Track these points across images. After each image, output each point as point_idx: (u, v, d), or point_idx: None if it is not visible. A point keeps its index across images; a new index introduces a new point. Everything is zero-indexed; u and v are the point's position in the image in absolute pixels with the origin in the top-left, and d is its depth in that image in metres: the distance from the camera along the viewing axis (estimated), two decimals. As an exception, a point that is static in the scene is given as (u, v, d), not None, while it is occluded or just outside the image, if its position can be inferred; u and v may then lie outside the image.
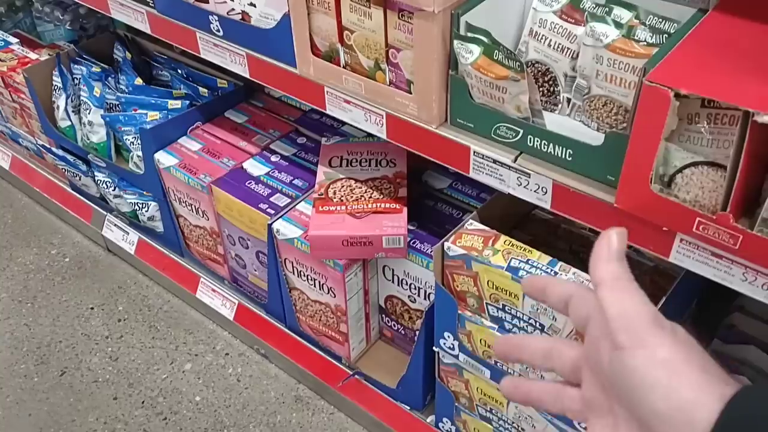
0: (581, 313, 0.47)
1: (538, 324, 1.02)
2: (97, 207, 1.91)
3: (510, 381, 0.53)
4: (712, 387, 0.40)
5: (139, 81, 1.75)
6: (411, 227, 1.30)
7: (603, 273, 0.45)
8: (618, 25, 0.88)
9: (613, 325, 0.43)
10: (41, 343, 1.72)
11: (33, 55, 1.91)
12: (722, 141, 0.76)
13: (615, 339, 0.42)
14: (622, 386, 0.43)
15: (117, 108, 1.73)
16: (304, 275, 1.39)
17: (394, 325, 1.46)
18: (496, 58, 0.87)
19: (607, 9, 0.92)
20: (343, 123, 1.42)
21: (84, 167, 1.83)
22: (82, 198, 1.95)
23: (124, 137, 1.69)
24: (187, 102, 1.66)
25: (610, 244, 0.45)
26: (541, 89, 1.00)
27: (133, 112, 1.67)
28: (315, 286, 1.38)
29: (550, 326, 1.00)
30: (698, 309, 1.24)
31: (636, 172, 0.79)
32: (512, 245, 1.04)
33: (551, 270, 1.00)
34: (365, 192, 1.30)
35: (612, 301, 0.43)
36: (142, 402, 1.58)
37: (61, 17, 2.07)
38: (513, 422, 1.20)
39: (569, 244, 1.22)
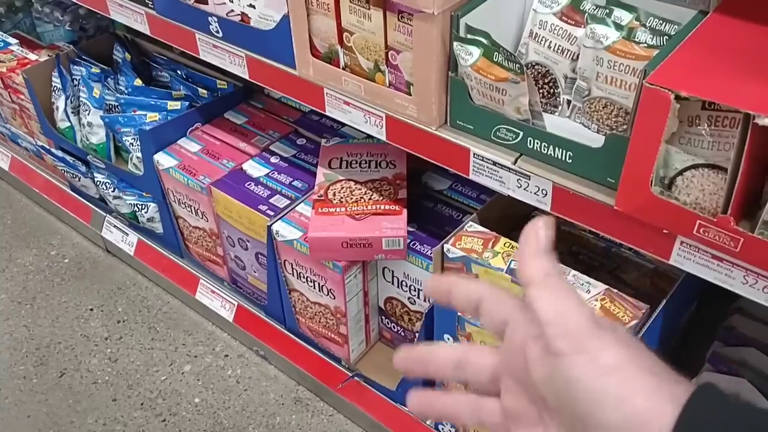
0: (496, 317, 0.43)
1: (538, 326, 1.01)
2: (96, 208, 1.91)
3: (417, 396, 0.47)
4: (663, 390, 0.37)
5: (138, 82, 1.75)
6: (411, 229, 1.30)
7: (532, 270, 0.41)
8: (618, 26, 0.88)
9: (548, 330, 0.39)
10: (40, 344, 1.72)
11: (32, 56, 1.90)
12: (723, 143, 0.76)
13: (552, 345, 0.38)
14: (563, 398, 0.39)
15: (116, 109, 1.73)
16: (304, 277, 1.38)
17: (394, 327, 1.46)
18: (495, 60, 0.87)
19: (607, 10, 0.91)
20: (343, 124, 1.42)
21: (83, 168, 1.82)
22: (81, 199, 1.95)
23: (124, 138, 1.69)
24: (187, 103, 1.66)
25: (537, 237, 0.41)
26: (541, 91, 1.00)
27: (133, 113, 1.67)
28: (314, 287, 1.38)
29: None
30: (698, 311, 1.24)
31: (636, 175, 0.79)
32: (512, 247, 1.04)
33: (551, 272, 0.99)
34: (365, 193, 1.30)
35: (545, 302, 0.39)
36: (141, 403, 1.58)
37: (60, 18, 2.07)
38: (513, 424, 1.19)
39: (569, 246, 1.22)
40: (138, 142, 1.61)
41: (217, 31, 1.20)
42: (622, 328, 0.40)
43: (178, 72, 1.79)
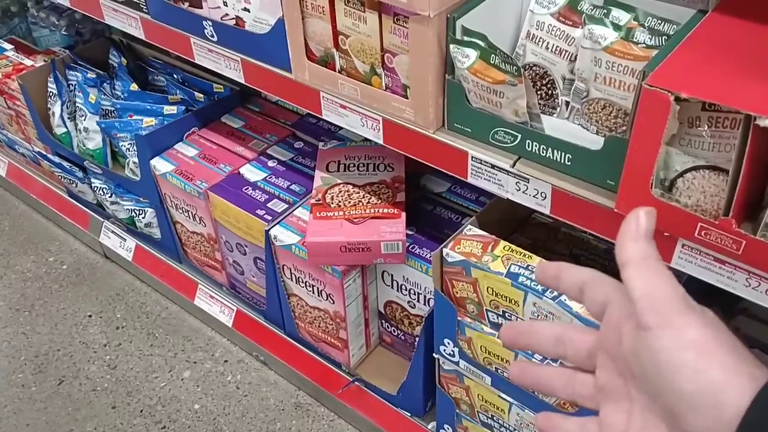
0: (597, 298, 0.46)
1: (538, 330, 1.00)
2: (94, 214, 1.90)
3: (518, 365, 0.52)
4: (741, 369, 0.38)
5: (134, 86, 1.74)
6: (409, 232, 1.29)
7: (630, 252, 0.43)
8: (616, 27, 0.87)
9: (639, 305, 0.41)
10: (39, 351, 1.71)
11: (28, 62, 1.89)
12: (724, 144, 0.75)
13: (641, 319, 0.41)
14: (647, 369, 0.41)
15: (112, 114, 1.72)
16: (303, 282, 1.37)
17: (394, 331, 1.45)
18: (492, 62, 0.85)
19: (605, 11, 0.90)
20: (341, 127, 1.41)
21: (80, 174, 1.82)
22: (79, 205, 1.94)
23: (120, 144, 1.68)
24: (183, 107, 1.65)
25: (638, 222, 0.43)
26: (539, 92, 0.99)
27: (129, 118, 1.66)
28: (313, 292, 1.37)
29: (550, 332, 0.99)
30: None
31: (636, 177, 0.78)
32: (512, 251, 1.03)
33: (551, 276, 0.98)
34: (363, 197, 1.29)
35: (639, 280, 0.42)
36: (141, 410, 1.57)
37: (56, 23, 2.06)
38: (514, 429, 1.18)
39: (569, 248, 1.21)
40: (134, 148, 1.60)
41: (212, 35, 1.19)
42: (711, 312, 0.42)
43: (175, 76, 1.78)
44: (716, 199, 0.76)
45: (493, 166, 0.94)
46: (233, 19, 1.15)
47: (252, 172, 1.50)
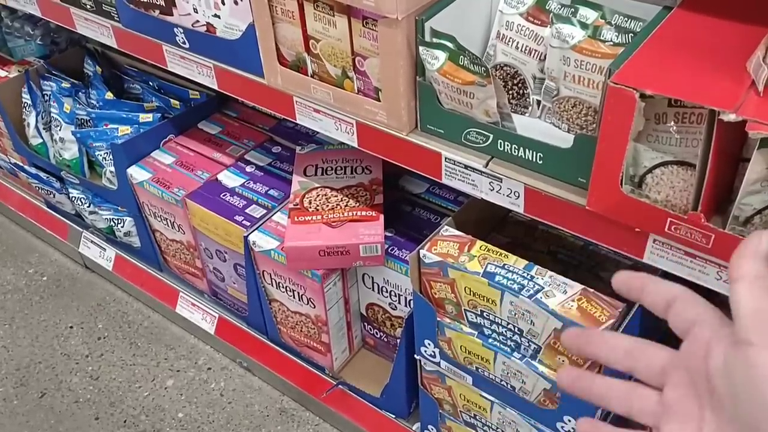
0: (688, 315, 0.46)
1: (516, 329, 1.01)
2: (73, 224, 1.88)
3: (570, 373, 0.51)
4: None
5: (109, 95, 1.73)
6: (388, 234, 1.29)
7: (745, 269, 0.43)
8: (583, 25, 0.88)
9: (743, 322, 0.41)
10: (20, 364, 1.69)
11: (2, 72, 1.87)
12: (690, 140, 0.76)
13: (744, 335, 0.41)
14: (738, 386, 0.41)
15: (88, 123, 1.71)
16: (283, 287, 1.37)
17: (377, 333, 1.45)
18: (461, 64, 0.86)
19: (572, 9, 0.91)
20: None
21: (58, 184, 1.80)
22: (57, 215, 1.92)
23: (96, 153, 1.67)
24: (159, 115, 1.64)
25: (760, 243, 0.43)
26: (510, 92, 0.99)
27: (104, 127, 1.65)
28: (294, 297, 1.37)
29: (528, 330, 0.99)
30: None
31: (606, 174, 0.78)
32: (488, 250, 1.03)
33: (527, 274, 0.99)
34: (341, 200, 1.29)
35: (749, 297, 0.42)
36: (125, 421, 1.56)
37: (31, 32, 2.04)
38: (497, 428, 1.19)
39: (547, 246, 1.21)
40: (111, 157, 1.59)
41: (184, 42, 1.18)
42: None
43: (150, 83, 1.77)
44: (685, 194, 0.77)
45: (466, 167, 0.94)
46: (204, 25, 1.15)
47: (230, 178, 1.50)
